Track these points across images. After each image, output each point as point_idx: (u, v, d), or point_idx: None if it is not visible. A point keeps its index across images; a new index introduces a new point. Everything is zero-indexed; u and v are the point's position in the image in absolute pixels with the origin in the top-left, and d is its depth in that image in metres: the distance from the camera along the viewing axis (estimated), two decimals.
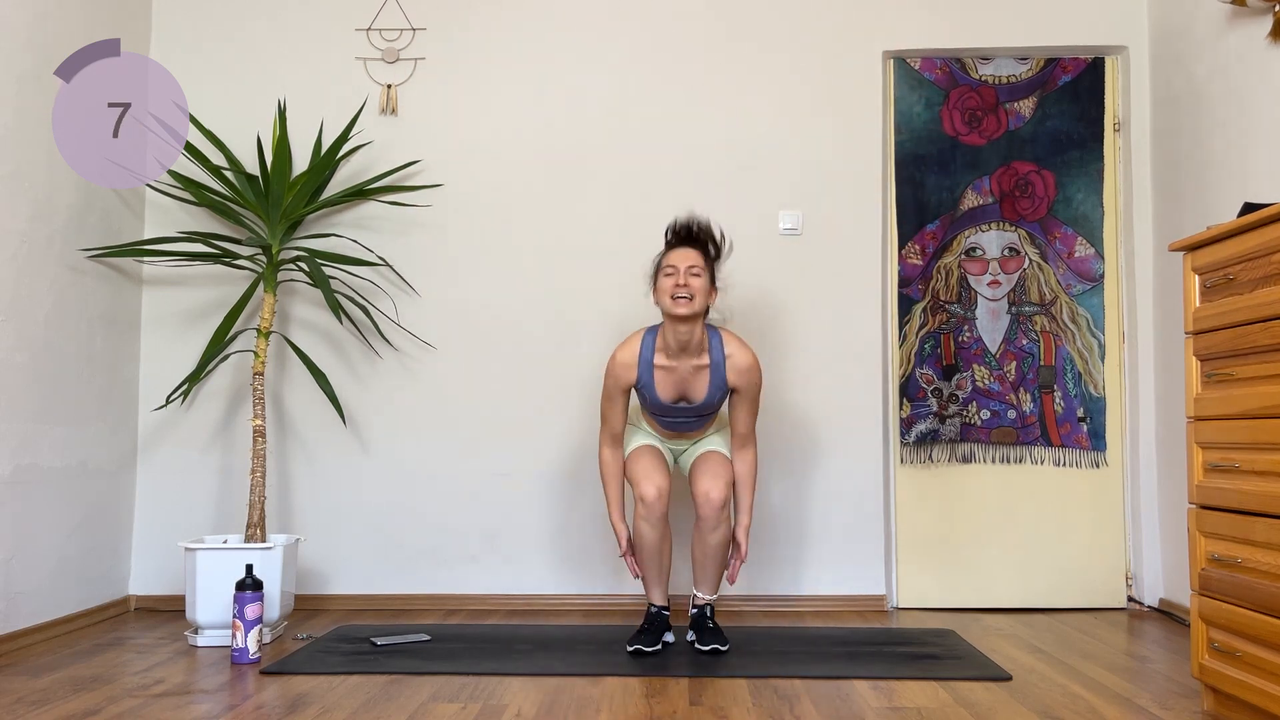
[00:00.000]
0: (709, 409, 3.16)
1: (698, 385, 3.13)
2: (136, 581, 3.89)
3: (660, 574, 3.19)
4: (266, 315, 3.51)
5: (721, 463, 3.17)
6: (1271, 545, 2.16)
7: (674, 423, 3.20)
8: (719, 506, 3.08)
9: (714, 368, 3.11)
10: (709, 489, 3.09)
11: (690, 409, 3.15)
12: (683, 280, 3.03)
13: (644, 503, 3.08)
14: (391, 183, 3.95)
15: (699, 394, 3.13)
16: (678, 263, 3.06)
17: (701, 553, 3.14)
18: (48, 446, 3.35)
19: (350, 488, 3.91)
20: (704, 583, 3.18)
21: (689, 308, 3.01)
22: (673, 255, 3.10)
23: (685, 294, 3.01)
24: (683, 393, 3.14)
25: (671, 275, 3.05)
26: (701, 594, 3.18)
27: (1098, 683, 2.74)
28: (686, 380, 3.13)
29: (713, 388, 3.12)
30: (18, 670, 2.89)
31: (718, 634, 3.11)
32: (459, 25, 4.01)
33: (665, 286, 3.06)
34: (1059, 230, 3.96)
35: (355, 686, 2.70)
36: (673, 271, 3.05)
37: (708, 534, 3.11)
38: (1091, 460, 3.90)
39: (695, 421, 3.20)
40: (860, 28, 3.96)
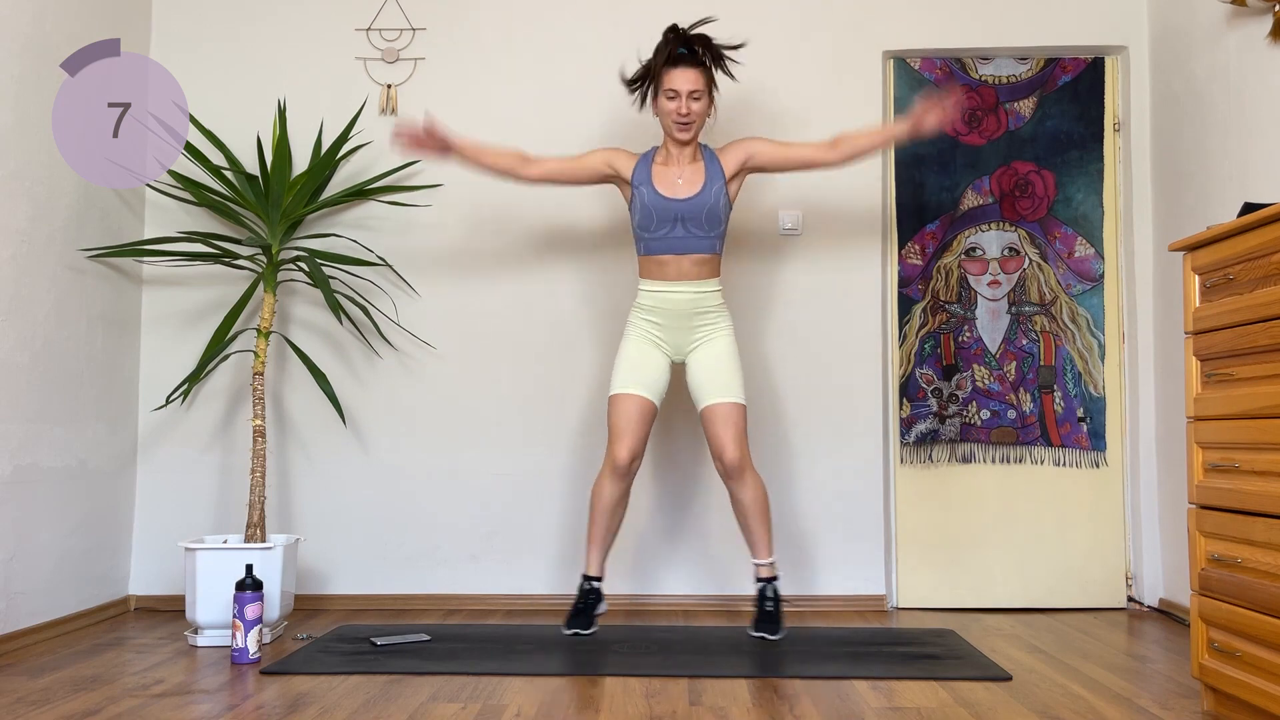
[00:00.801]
0: (707, 206, 3.14)
1: (695, 178, 3.16)
2: (136, 581, 3.89)
3: (606, 535, 3.20)
4: (266, 315, 3.51)
5: (733, 415, 3.13)
6: (1271, 545, 2.16)
7: (674, 239, 3.16)
8: (739, 466, 3.09)
9: (708, 163, 3.19)
10: (723, 449, 3.10)
11: (690, 205, 3.13)
12: (685, 109, 3.07)
13: (614, 462, 3.08)
14: (391, 183, 3.95)
15: (696, 185, 3.15)
16: (680, 86, 3.09)
17: (741, 513, 3.14)
18: (48, 446, 3.35)
19: (350, 488, 3.92)
20: (756, 545, 3.16)
21: (689, 133, 3.11)
22: (675, 77, 3.11)
23: (687, 120, 3.07)
24: (680, 189, 3.16)
25: (674, 99, 3.10)
26: (758, 559, 3.17)
27: (1098, 683, 2.74)
28: (683, 176, 3.16)
29: (710, 178, 3.16)
30: (18, 670, 2.89)
31: (772, 621, 3.11)
32: (459, 25, 4.01)
33: (667, 109, 3.13)
34: (1059, 230, 3.96)
35: (355, 686, 2.70)
36: (675, 96, 3.09)
37: (739, 493, 3.11)
38: (1091, 460, 3.91)
39: (697, 237, 3.16)
40: (860, 28, 3.96)
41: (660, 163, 3.22)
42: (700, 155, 3.23)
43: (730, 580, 3.86)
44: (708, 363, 3.20)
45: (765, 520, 3.14)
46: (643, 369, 3.20)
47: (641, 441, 3.15)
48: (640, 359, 3.21)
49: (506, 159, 3.26)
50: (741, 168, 3.22)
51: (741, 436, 3.11)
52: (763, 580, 3.21)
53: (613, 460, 3.09)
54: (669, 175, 3.17)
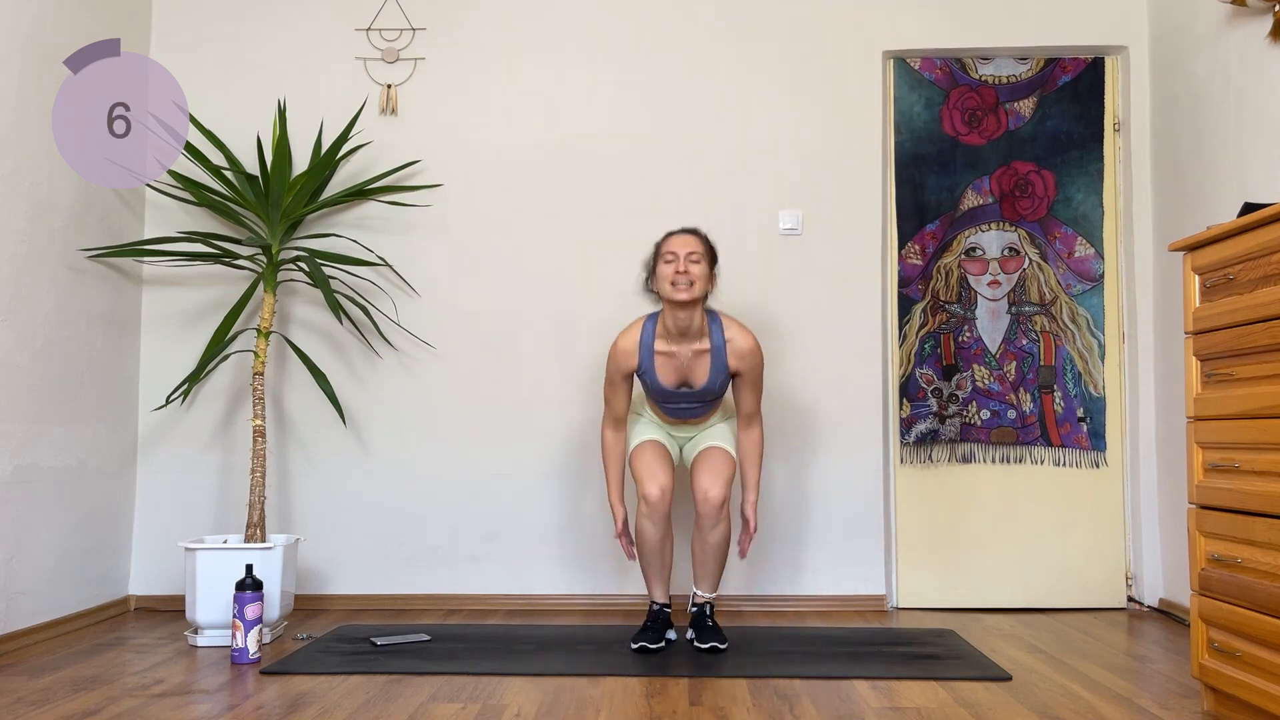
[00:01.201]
0: (711, 394, 3.17)
1: (699, 370, 3.14)
2: (136, 581, 3.89)
3: (662, 571, 3.20)
4: (266, 315, 3.51)
5: (723, 460, 3.17)
6: (1271, 545, 2.16)
7: (677, 409, 3.22)
8: (718, 505, 3.09)
9: (714, 352, 3.13)
10: (708, 487, 3.10)
11: (692, 394, 3.16)
12: (683, 267, 3.06)
13: (647, 502, 3.09)
14: (391, 183, 3.95)
15: (700, 379, 3.15)
16: (678, 249, 3.08)
17: (701, 550, 3.15)
18: (48, 446, 3.35)
19: (350, 488, 3.91)
20: (704, 580, 3.19)
21: (689, 294, 3.04)
22: (672, 242, 3.12)
23: (685, 280, 3.04)
24: (684, 378, 3.16)
25: (671, 262, 3.08)
26: (701, 592, 3.19)
27: (1098, 683, 2.74)
28: (687, 365, 3.15)
29: (714, 372, 3.13)
30: (18, 670, 2.89)
31: (717, 632, 3.12)
32: (459, 25, 4.01)
33: (665, 273, 3.09)
34: (1059, 230, 3.96)
35: (355, 686, 2.70)
36: (672, 258, 3.08)
37: (707, 532, 3.12)
38: (1091, 460, 3.90)
39: (699, 407, 3.21)
40: (860, 28, 3.96)
41: (662, 347, 3.15)
42: (707, 331, 3.14)
43: (734, 581, 3.86)
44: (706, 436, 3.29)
45: (721, 563, 3.19)
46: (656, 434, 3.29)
47: (668, 477, 3.14)
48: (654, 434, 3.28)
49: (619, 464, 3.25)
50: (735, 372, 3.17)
51: (728, 483, 3.13)
52: (700, 604, 3.21)
53: (645, 500, 3.10)
54: (671, 367, 3.15)
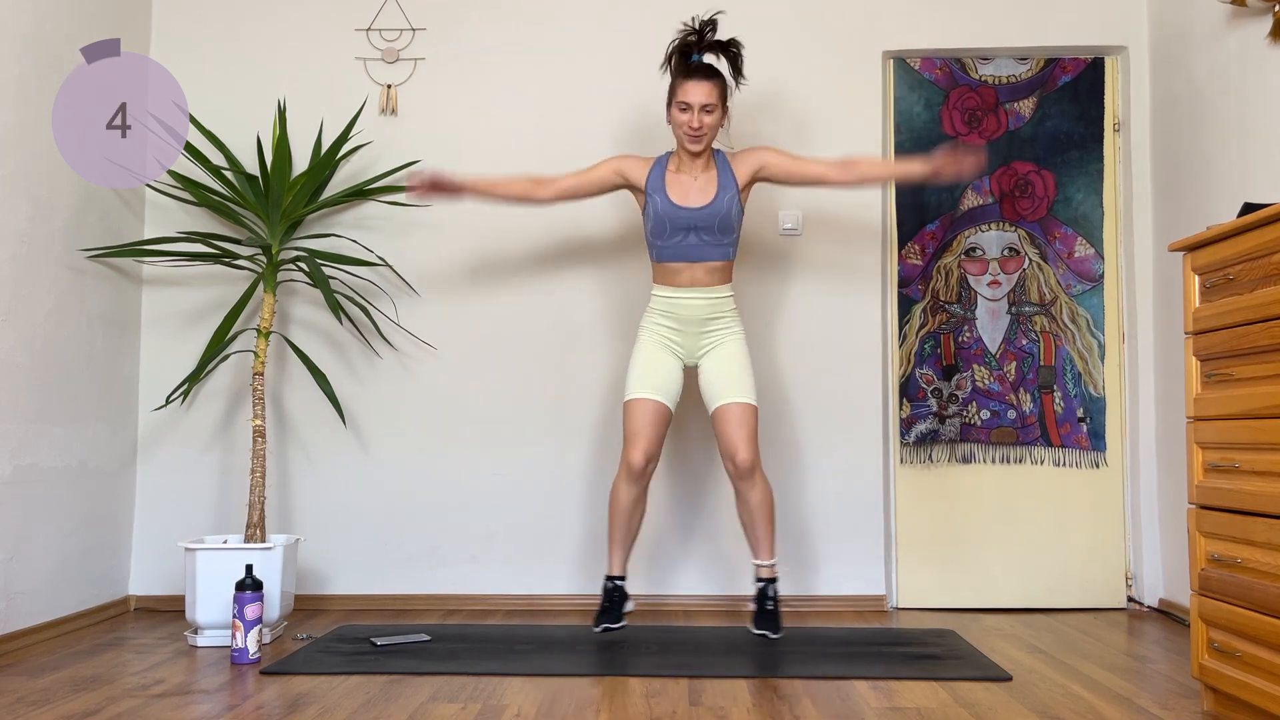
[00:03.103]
0: (719, 215, 3.15)
1: (708, 187, 3.17)
2: (136, 581, 3.89)
3: (626, 537, 3.22)
4: (266, 315, 3.51)
5: (745, 417, 3.14)
6: (1271, 545, 2.16)
7: (687, 246, 3.17)
8: (749, 468, 3.10)
9: (721, 171, 3.19)
10: (735, 450, 3.11)
11: (703, 214, 3.14)
12: (696, 122, 3.08)
13: (629, 465, 3.10)
14: (391, 183, 3.95)
15: (709, 194, 3.16)
16: (692, 99, 3.09)
17: (747, 514, 3.15)
18: (48, 446, 3.35)
19: (350, 488, 3.92)
20: (759, 546, 3.18)
21: (701, 145, 3.12)
22: (687, 89, 3.11)
23: (699, 133, 3.10)
24: (693, 198, 3.17)
25: (686, 112, 3.10)
26: (760, 561, 3.20)
27: (1098, 683, 2.74)
28: (696, 184, 3.17)
29: (721, 187, 3.16)
30: (18, 670, 2.89)
31: (772, 619, 3.13)
32: (459, 25, 4.01)
33: (679, 120, 3.13)
34: (1059, 230, 3.96)
35: (355, 686, 2.70)
36: (686, 108, 3.10)
37: (747, 494, 3.12)
38: (1091, 460, 3.91)
39: (710, 245, 3.17)
40: (860, 28, 3.96)
41: (673, 170, 3.22)
42: (713, 163, 3.22)
43: (735, 580, 3.86)
44: (720, 365, 3.22)
45: (770, 522, 3.17)
46: (656, 374, 3.22)
47: (656, 444, 3.16)
48: (653, 363, 3.22)
49: (519, 186, 3.26)
50: (753, 177, 3.23)
51: (753, 438, 3.13)
52: (763, 580, 3.22)
53: (627, 463, 3.11)
54: (682, 183, 3.18)
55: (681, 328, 3.24)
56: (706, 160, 3.22)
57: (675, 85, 3.15)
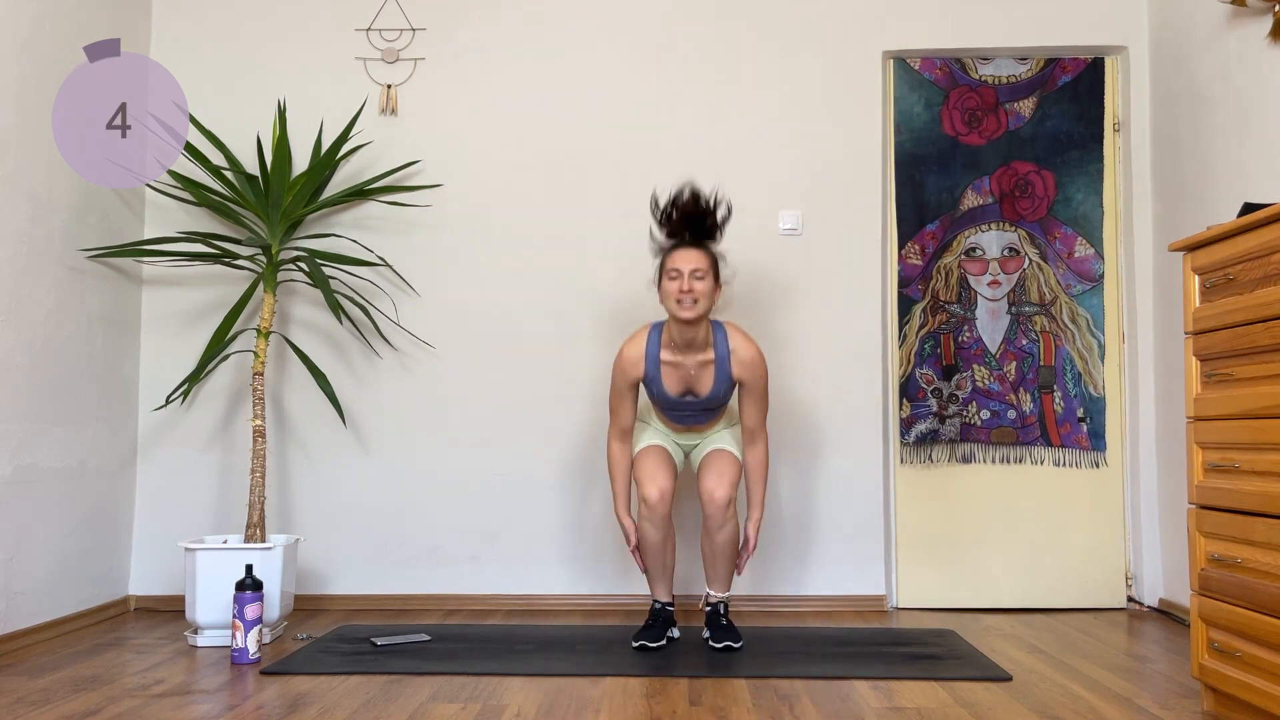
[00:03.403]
0: (715, 402, 3.18)
1: (703, 379, 3.15)
2: (136, 581, 3.89)
3: (664, 571, 3.21)
4: (266, 315, 3.51)
5: (728, 462, 3.17)
6: (1271, 545, 2.16)
7: (682, 416, 3.23)
8: (723, 505, 3.08)
9: (719, 362, 3.13)
10: (714, 488, 3.10)
11: (697, 403, 3.17)
12: (687, 286, 3.03)
13: (647, 504, 3.10)
14: (391, 183, 3.95)
15: (705, 388, 3.16)
16: (681, 266, 3.06)
17: (710, 551, 3.15)
18: (48, 446, 3.35)
19: (350, 488, 3.91)
20: (715, 581, 3.19)
21: (694, 312, 3.03)
22: (676, 258, 3.09)
23: (690, 299, 3.03)
24: (689, 387, 3.16)
25: (676, 280, 3.06)
26: (713, 592, 3.20)
27: (1098, 683, 2.74)
28: (692, 375, 3.15)
29: (718, 381, 3.14)
30: (18, 670, 2.89)
31: (731, 631, 3.12)
32: (459, 25, 4.01)
33: (670, 290, 3.07)
34: (1059, 230, 3.96)
35: (355, 686, 2.70)
36: (677, 275, 3.06)
37: (714, 533, 3.11)
38: (1091, 460, 3.90)
39: (703, 415, 3.23)
40: (860, 28, 3.96)
41: (668, 356, 3.15)
42: (711, 345, 3.14)
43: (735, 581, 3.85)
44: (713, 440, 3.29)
45: (731, 563, 3.18)
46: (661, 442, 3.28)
47: (669, 479, 3.13)
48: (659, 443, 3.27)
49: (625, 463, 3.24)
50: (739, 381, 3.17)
51: (734, 485, 3.13)
52: (713, 604, 3.20)
53: (645, 502, 3.10)
54: (678, 374, 3.16)
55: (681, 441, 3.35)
56: (705, 338, 3.12)
57: (664, 259, 3.12)
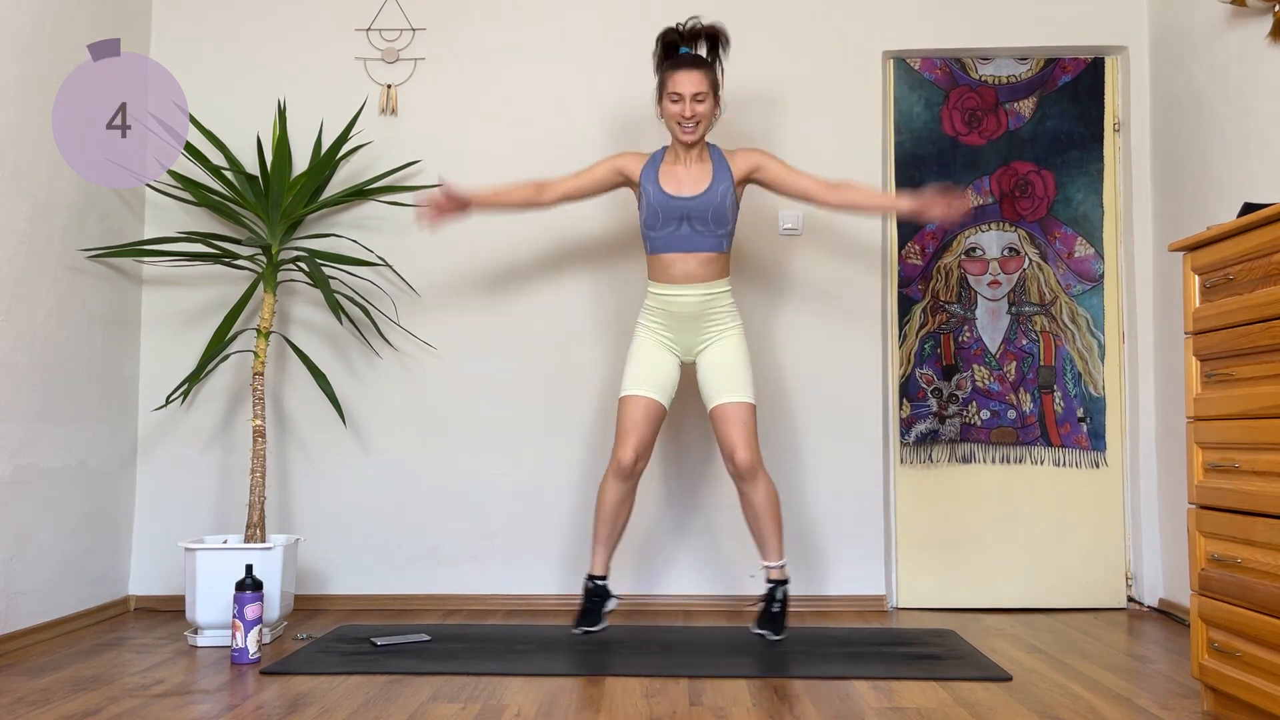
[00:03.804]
0: (714, 206, 3.13)
1: (702, 177, 3.16)
2: (136, 581, 3.89)
3: (611, 536, 3.21)
4: (266, 315, 3.51)
5: (743, 416, 3.12)
6: (1271, 545, 2.16)
7: (681, 237, 3.16)
8: (750, 467, 3.08)
9: (716, 163, 3.18)
10: (734, 450, 3.09)
11: (696, 205, 3.12)
12: (689, 111, 3.08)
13: (618, 462, 3.09)
14: (391, 183, 3.95)
15: (703, 184, 3.15)
16: (683, 89, 3.09)
17: (752, 515, 3.13)
18: (48, 446, 3.35)
19: (350, 488, 3.92)
20: (766, 546, 3.16)
21: (695, 134, 3.12)
22: (678, 80, 3.12)
23: (691, 124, 3.09)
24: (686, 187, 3.16)
25: (678, 103, 3.10)
26: (769, 562, 3.17)
27: (1098, 683, 2.74)
28: (689, 174, 3.17)
29: (716, 178, 3.15)
30: (18, 670, 2.89)
31: (777, 621, 3.12)
32: (459, 25, 4.01)
33: (671, 112, 3.13)
34: (1059, 230, 3.96)
35: (355, 686, 2.70)
36: (678, 99, 3.10)
37: (751, 495, 3.10)
38: (1091, 460, 3.90)
39: (704, 236, 3.15)
40: (860, 28, 3.96)
41: (668, 162, 3.22)
42: (708, 155, 3.22)
43: (735, 580, 3.86)
44: (717, 362, 3.20)
45: (776, 522, 3.15)
46: (652, 370, 3.21)
47: (647, 443, 3.15)
48: (649, 360, 3.21)
49: (523, 192, 3.27)
50: (748, 176, 3.22)
51: (752, 436, 3.11)
52: (773, 582, 3.20)
53: (617, 461, 3.10)
54: (675, 174, 3.18)
55: (678, 324, 3.22)
56: (701, 152, 3.21)
57: (665, 77, 3.15)
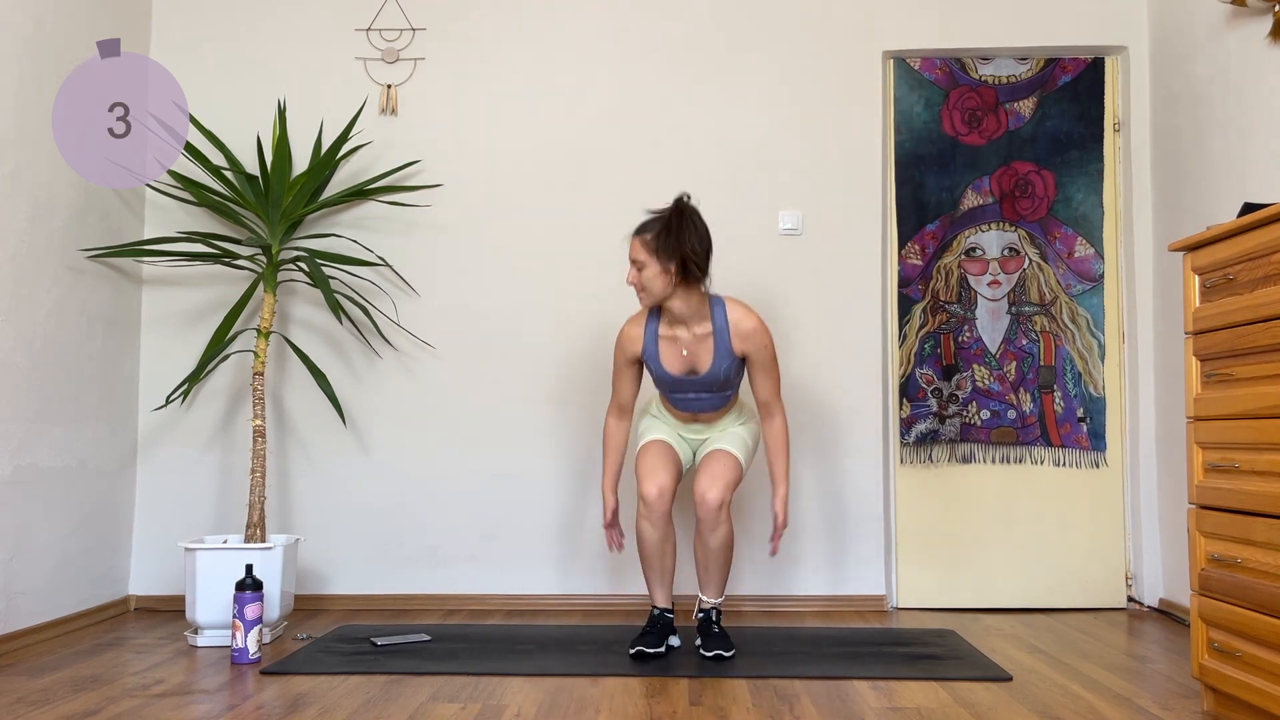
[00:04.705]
0: (717, 381, 3.10)
1: (703, 355, 3.09)
2: (136, 581, 3.89)
3: (663, 575, 3.14)
4: (266, 315, 3.51)
5: (725, 463, 3.11)
6: (1271, 545, 2.16)
7: (686, 400, 3.16)
8: (715, 508, 3.03)
9: (717, 335, 3.08)
10: (705, 489, 3.05)
11: (699, 381, 3.10)
12: (630, 277, 3.07)
13: (644, 501, 3.06)
14: (391, 183, 3.95)
15: (705, 363, 3.09)
16: (630, 255, 3.08)
17: (703, 554, 3.11)
18: (48, 446, 3.35)
19: (350, 488, 3.92)
20: (707, 585, 3.14)
21: (646, 300, 3.06)
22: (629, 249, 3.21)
23: (637, 288, 3.08)
24: (690, 365, 3.11)
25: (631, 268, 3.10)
26: (706, 597, 3.14)
27: (1098, 683, 2.74)
28: (691, 350, 3.10)
29: (718, 355, 3.07)
30: (18, 670, 2.89)
31: (723, 639, 3.07)
32: (459, 25, 4.01)
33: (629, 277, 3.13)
34: (1059, 230, 3.96)
35: (355, 686, 2.70)
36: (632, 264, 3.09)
37: (707, 535, 3.08)
38: (1091, 460, 3.90)
39: (708, 398, 3.15)
40: (860, 28, 3.96)
41: (665, 331, 3.14)
42: (708, 315, 3.10)
43: (736, 581, 3.86)
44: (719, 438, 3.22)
45: (725, 567, 3.13)
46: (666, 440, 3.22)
47: (669, 478, 3.09)
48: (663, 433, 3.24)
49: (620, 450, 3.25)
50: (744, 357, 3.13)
51: (729, 487, 3.07)
52: (705, 610, 3.16)
53: (643, 499, 3.07)
54: (675, 349, 3.12)
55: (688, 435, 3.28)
56: (700, 307, 3.09)
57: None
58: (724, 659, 3.02)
